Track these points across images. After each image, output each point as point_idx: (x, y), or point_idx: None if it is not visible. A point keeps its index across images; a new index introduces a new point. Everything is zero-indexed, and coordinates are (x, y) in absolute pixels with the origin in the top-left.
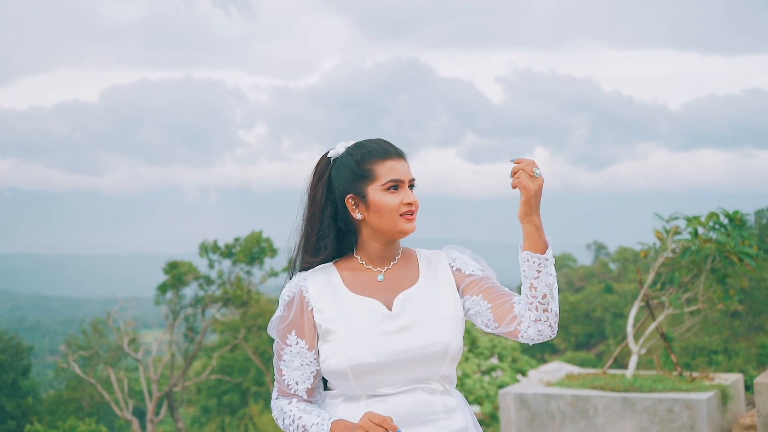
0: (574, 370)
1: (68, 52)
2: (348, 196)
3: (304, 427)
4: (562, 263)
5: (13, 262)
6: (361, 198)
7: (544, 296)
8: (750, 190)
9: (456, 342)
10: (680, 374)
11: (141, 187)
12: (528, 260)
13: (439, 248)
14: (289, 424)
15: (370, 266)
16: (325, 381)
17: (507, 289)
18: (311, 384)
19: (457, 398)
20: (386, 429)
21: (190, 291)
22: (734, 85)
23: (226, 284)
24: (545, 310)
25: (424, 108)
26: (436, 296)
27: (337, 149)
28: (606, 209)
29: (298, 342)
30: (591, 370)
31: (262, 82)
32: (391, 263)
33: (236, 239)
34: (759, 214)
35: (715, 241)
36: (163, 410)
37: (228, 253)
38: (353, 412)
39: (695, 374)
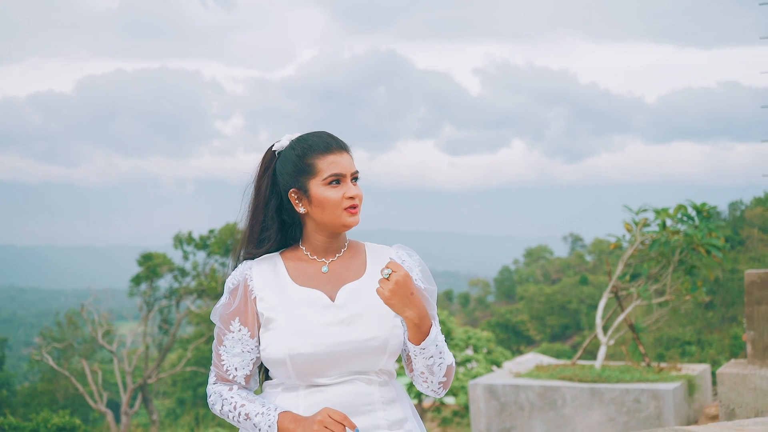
0: (549, 361)
1: (41, 41)
2: (291, 190)
3: (246, 414)
4: (538, 255)
5: None
6: (304, 192)
7: (422, 372)
8: (725, 182)
9: (396, 338)
10: (648, 365)
11: (117, 178)
12: (406, 345)
13: (415, 240)
14: (229, 411)
15: (315, 257)
16: (266, 370)
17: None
18: (250, 371)
19: (396, 390)
20: (345, 427)
21: (164, 283)
22: (710, 77)
23: (200, 276)
24: (425, 381)
25: (402, 100)
26: None
27: (282, 142)
28: (582, 201)
29: (240, 329)
30: (561, 361)
31: (239, 73)
32: (337, 255)
33: (211, 231)
34: (733, 206)
35: (683, 233)
36: (138, 402)
37: (203, 245)
38: (292, 402)
39: (663, 365)
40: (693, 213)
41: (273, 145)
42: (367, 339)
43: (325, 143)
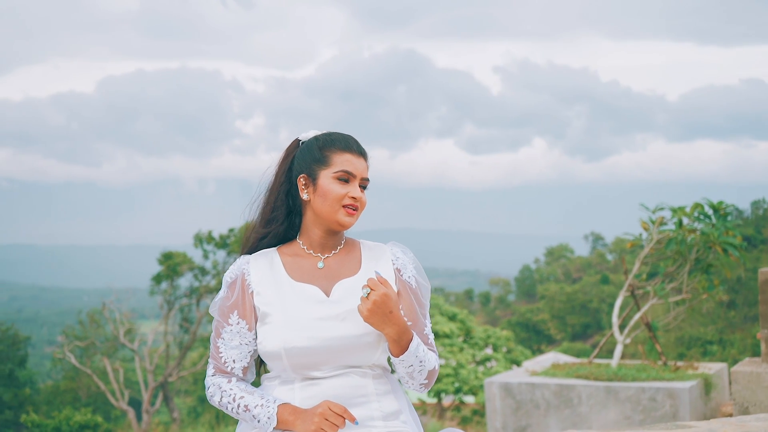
0: (568, 360)
1: (62, 42)
2: (301, 175)
3: (246, 406)
4: (559, 254)
5: (11, 253)
6: (312, 180)
7: (403, 376)
8: (747, 180)
9: None
10: (664, 363)
11: (138, 177)
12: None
13: (436, 240)
14: (228, 403)
15: (311, 252)
16: (264, 363)
17: (423, 321)
18: (247, 363)
19: (391, 383)
20: (345, 419)
21: (185, 281)
22: (732, 75)
23: (220, 275)
24: (405, 382)
25: (422, 98)
26: None
27: (308, 134)
28: (604, 200)
29: (239, 322)
30: (578, 360)
31: (259, 73)
32: (333, 251)
33: (231, 230)
34: (755, 204)
35: (700, 232)
36: (159, 400)
37: (222, 243)
38: (288, 394)
39: (679, 363)
40: (710, 211)
41: (300, 136)
42: (360, 334)
43: (347, 142)
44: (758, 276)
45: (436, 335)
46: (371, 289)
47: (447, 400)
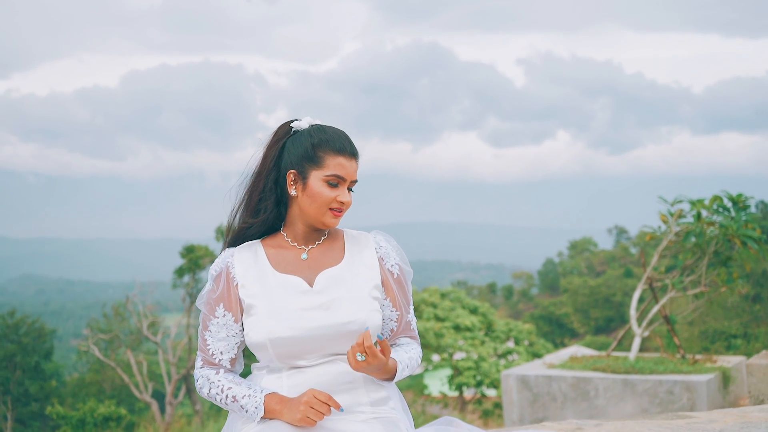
0: (588, 354)
1: (87, 37)
2: (291, 171)
3: (234, 397)
4: (582, 247)
5: (38, 246)
6: (302, 178)
7: None
8: None
9: (373, 321)
10: (683, 357)
11: (162, 171)
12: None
13: (459, 233)
14: (217, 394)
15: (295, 244)
16: (253, 354)
17: (406, 308)
18: (235, 354)
19: None
20: (330, 406)
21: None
22: (758, 67)
23: None
24: None
25: (445, 92)
26: (358, 276)
27: (302, 123)
28: (628, 193)
29: (225, 314)
30: (596, 353)
31: (282, 67)
32: (316, 242)
33: None
34: None
35: (719, 225)
36: (182, 393)
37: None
38: (276, 383)
39: (698, 357)
40: (729, 204)
41: (292, 122)
42: (344, 323)
43: (341, 144)
44: None
45: (458, 328)
46: (367, 356)
47: (468, 394)
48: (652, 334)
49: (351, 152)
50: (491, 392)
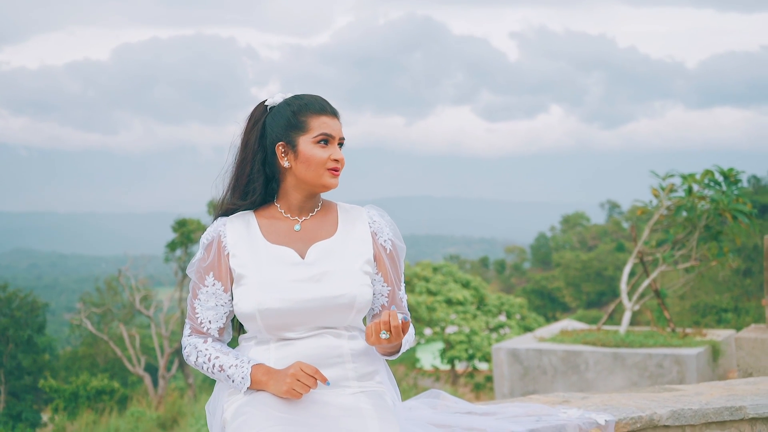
0: (579, 327)
1: (77, 9)
2: (279, 143)
3: (221, 366)
4: (575, 222)
5: (30, 220)
6: (292, 147)
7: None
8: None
9: (364, 295)
10: (673, 330)
11: (155, 145)
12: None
13: (451, 207)
14: (204, 363)
15: (288, 215)
16: (241, 325)
17: (398, 284)
18: (223, 324)
19: (366, 344)
20: (316, 380)
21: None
22: (752, 41)
23: None
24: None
25: (439, 66)
26: (350, 250)
27: (275, 98)
28: (621, 167)
29: (215, 284)
30: (587, 326)
31: (274, 40)
32: (310, 214)
33: None
34: None
35: (710, 199)
36: (175, 366)
37: (216, 203)
38: (264, 355)
39: (688, 330)
40: (720, 178)
41: (265, 100)
42: (335, 296)
43: (320, 105)
44: (764, 243)
45: (450, 302)
46: (392, 335)
47: (460, 367)
48: (643, 308)
49: (332, 111)
50: (483, 365)
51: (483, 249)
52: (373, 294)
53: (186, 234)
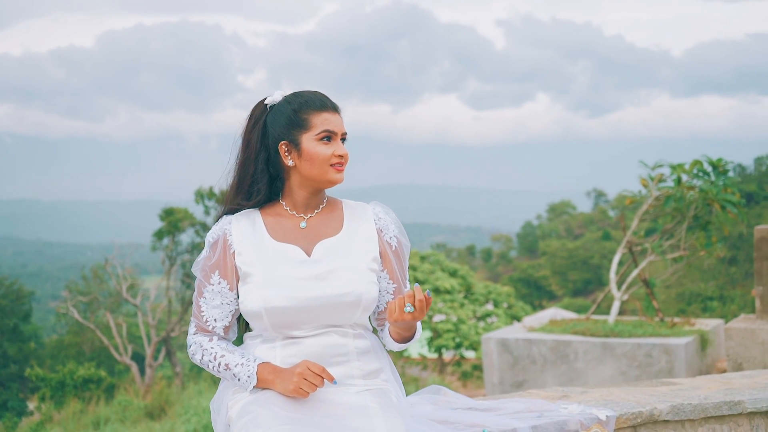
0: (568, 316)
1: None
2: (282, 142)
3: (227, 365)
4: (561, 210)
5: (15, 208)
6: (295, 145)
7: (391, 344)
8: (752, 136)
9: (370, 293)
10: (661, 320)
11: (141, 133)
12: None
13: (438, 195)
14: (209, 361)
15: (294, 212)
16: (247, 323)
17: (404, 280)
18: (229, 322)
19: (371, 342)
20: (324, 379)
21: (186, 237)
22: (737, 30)
23: None
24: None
25: (425, 53)
26: (356, 247)
27: (275, 97)
28: (607, 156)
29: (220, 282)
30: (576, 316)
31: (260, 28)
32: (315, 211)
33: None
34: (759, 161)
35: (698, 189)
36: (162, 355)
37: (223, 199)
38: (270, 353)
39: (676, 320)
40: (709, 168)
41: (265, 99)
42: (341, 294)
43: (321, 101)
44: (754, 233)
45: (437, 291)
46: (416, 309)
47: (447, 356)
48: (630, 298)
49: (332, 107)
50: (470, 354)
51: (469, 237)
52: (379, 291)
53: (173, 223)
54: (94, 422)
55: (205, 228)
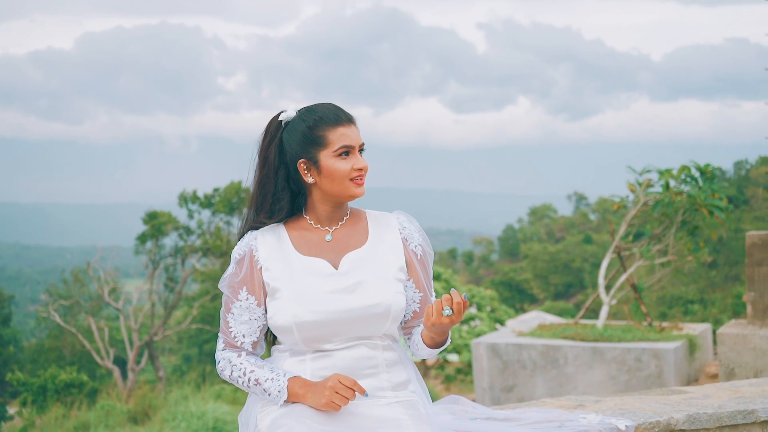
0: (552, 319)
1: None
2: (300, 160)
3: (257, 380)
4: (542, 213)
5: None
6: (313, 163)
7: (420, 351)
8: (731, 140)
9: (398, 303)
10: (650, 324)
11: (120, 135)
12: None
13: (419, 198)
14: (239, 377)
15: (318, 226)
16: (274, 335)
17: (429, 290)
18: (257, 338)
19: (399, 353)
20: (355, 392)
21: (169, 241)
22: (716, 34)
23: (205, 234)
24: (421, 349)
25: (406, 57)
26: (383, 258)
27: (289, 113)
28: (587, 159)
29: (248, 298)
30: (564, 321)
31: (241, 30)
32: (340, 223)
33: (216, 189)
34: (738, 165)
35: (686, 194)
36: (144, 359)
37: (207, 203)
38: (299, 366)
39: (664, 324)
40: (696, 174)
41: (279, 115)
42: (370, 305)
43: (335, 115)
44: (745, 239)
45: None
46: (454, 312)
47: (431, 359)
48: (618, 302)
49: (347, 119)
50: (453, 357)
51: (451, 240)
52: (405, 301)
53: (157, 226)
54: (77, 427)
55: (189, 232)
